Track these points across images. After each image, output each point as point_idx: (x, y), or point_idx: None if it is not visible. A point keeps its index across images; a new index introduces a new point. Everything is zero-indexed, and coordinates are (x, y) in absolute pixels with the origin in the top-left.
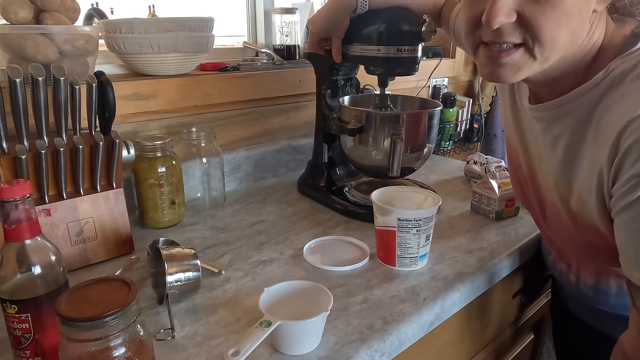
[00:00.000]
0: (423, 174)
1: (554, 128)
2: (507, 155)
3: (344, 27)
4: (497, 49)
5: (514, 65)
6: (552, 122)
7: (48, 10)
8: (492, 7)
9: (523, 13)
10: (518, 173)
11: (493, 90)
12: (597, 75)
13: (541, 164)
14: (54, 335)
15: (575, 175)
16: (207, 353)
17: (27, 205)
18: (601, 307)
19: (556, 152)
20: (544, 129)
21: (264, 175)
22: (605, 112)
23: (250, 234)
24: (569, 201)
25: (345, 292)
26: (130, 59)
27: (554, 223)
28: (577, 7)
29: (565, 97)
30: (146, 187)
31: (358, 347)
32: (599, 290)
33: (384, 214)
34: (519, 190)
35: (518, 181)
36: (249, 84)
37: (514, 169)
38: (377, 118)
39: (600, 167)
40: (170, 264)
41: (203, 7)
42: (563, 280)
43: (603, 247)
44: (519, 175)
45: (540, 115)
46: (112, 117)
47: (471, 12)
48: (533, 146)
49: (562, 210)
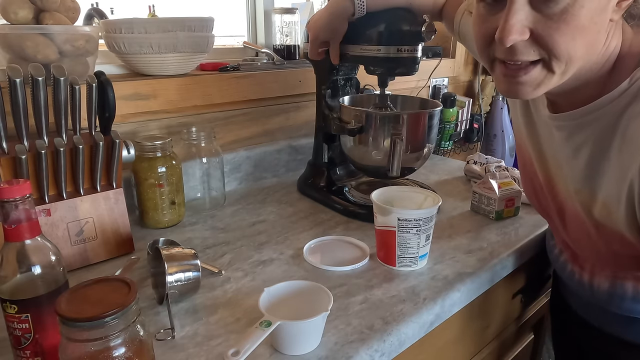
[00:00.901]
0: (423, 174)
1: (575, 137)
2: (520, 162)
3: (342, 31)
4: (515, 67)
5: (533, 82)
6: (574, 132)
7: (48, 10)
8: (505, 25)
9: (536, 30)
10: (533, 180)
11: (493, 90)
12: (621, 85)
13: (560, 172)
14: (54, 335)
15: (599, 184)
16: (207, 353)
17: (27, 205)
18: (613, 310)
19: (578, 161)
20: (565, 138)
21: (264, 175)
22: (631, 121)
23: (250, 234)
24: (592, 209)
25: (345, 292)
26: (130, 59)
27: (574, 230)
28: (592, 20)
29: (588, 107)
30: (146, 187)
31: (358, 347)
32: (614, 294)
33: (384, 214)
34: (533, 196)
35: (532, 188)
36: (249, 84)
37: (528, 176)
38: (377, 118)
39: (631, 178)
40: (170, 264)
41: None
42: (573, 282)
43: (627, 254)
44: (534, 182)
45: (561, 124)
46: (112, 117)
47: (484, 29)
48: (551, 154)
49: (584, 217)
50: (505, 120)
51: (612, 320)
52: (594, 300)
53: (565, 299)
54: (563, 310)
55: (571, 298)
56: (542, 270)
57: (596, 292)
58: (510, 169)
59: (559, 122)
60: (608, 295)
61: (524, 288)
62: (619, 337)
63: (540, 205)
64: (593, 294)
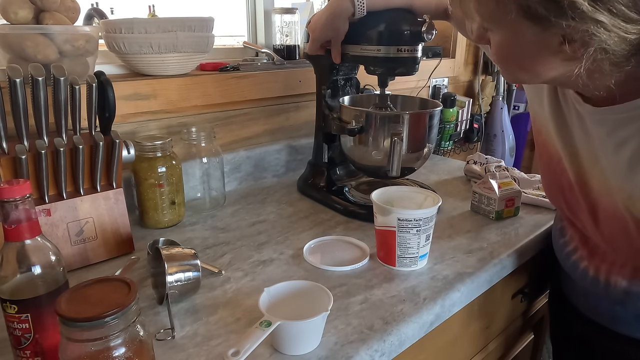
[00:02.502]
0: (423, 174)
1: (619, 132)
2: (543, 161)
3: (344, 31)
4: None
5: None
6: (618, 126)
7: (48, 10)
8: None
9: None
10: (560, 178)
11: (493, 90)
12: None
13: (596, 168)
14: (54, 335)
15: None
16: (207, 353)
17: (27, 205)
18: (629, 309)
19: (620, 157)
20: (607, 132)
21: (264, 175)
22: None
23: (250, 234)
24: (634, 207)
25: (345, 292)
26: (130, 59)
27: (609, 227)
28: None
29: (636, 102)
30: (146, 187)
31: (358, 347)
32: (630, 293)
33: (384, 214)
34: (560, 195)
35: (559, 187)
36: (249, 84)
37: (555, 174)
38: (377, 118)
39: None
40: (170, 264)
41: (203, 7)
42: (585, 281)
43: None
44: (562, 180)
45: (603, 118)
46: (112, 117)
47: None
48: (586, 149)
49: (624, 214)
50: (505, 120)
51: (623, 319)
52: (607, 300)
53: (568, 299)
54: (568, 312)
55: (577, 298)
56: (543, 270)
57: (612, 292)
58: (510, 169)
59: (601, 116)
60: (624, 294)
61: (524, 288)
62: (629, 336)
63: (567, 205)
64: (608, 293)
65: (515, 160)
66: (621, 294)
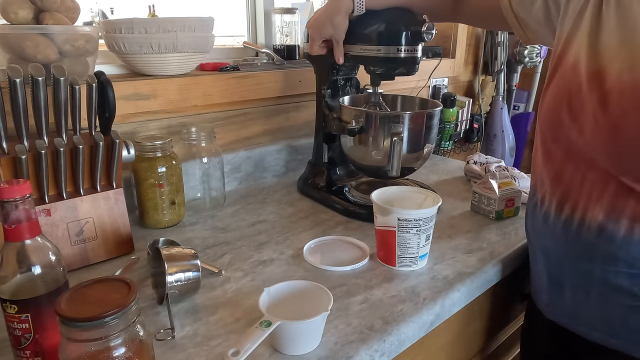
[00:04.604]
0: (423, 174)
1: None
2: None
3: (344, 28)
4: None
5: None
6: None
7: (48, 10)
8: None
9: None
10: (570, 84)
11: (493, 90)
12: None
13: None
14: (54, 335)
15: None
16: (207, 353)
17: (27, 205)
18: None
19: None
20: None
21: (264, 175)
22: None
23: (250, 234)
24: None
25: (345, 292)
26: (130, 59)
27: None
28: None
29: None
30: (146, 187)
31: (358, 347)
32: (605, 230)
33: (384, 214)
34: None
35: (566, 92)
36: (249, 84)
37: (563, 81)
38: (377, 118)
39: None
40: (170, 264)
41: (203, 7)
42: (556, 229)
43: None
44: (571, 85)
45: None
46: (112, 117)
47: None
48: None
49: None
50: (505, 120)
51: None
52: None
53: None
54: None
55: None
56: None
57: (584, 233)
58: (510, 168)
59: None
60: (597, 233)
61: (524, 288)
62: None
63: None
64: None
65: (515, 160)
66: (593, 236)
